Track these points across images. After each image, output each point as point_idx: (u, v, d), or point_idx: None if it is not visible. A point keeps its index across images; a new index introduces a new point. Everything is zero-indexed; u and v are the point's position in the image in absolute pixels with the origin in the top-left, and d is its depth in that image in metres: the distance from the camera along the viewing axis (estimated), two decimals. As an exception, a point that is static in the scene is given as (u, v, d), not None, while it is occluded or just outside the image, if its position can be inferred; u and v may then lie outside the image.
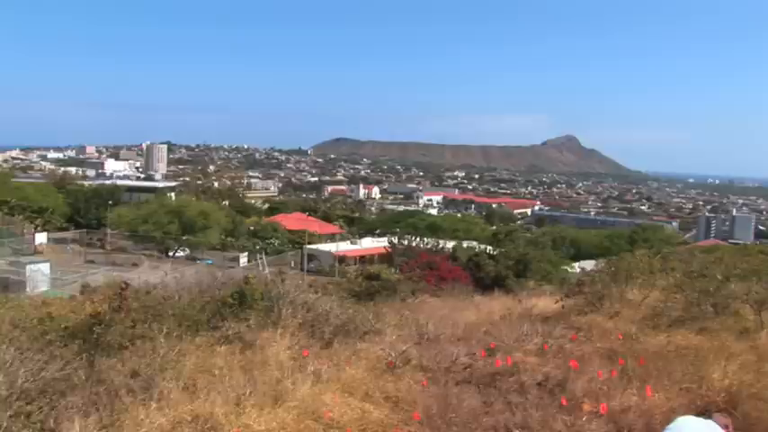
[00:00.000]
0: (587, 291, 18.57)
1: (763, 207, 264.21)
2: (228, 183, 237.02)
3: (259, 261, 64.05)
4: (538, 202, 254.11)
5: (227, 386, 9.37)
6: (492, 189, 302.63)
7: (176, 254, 78.03)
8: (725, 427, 6.70)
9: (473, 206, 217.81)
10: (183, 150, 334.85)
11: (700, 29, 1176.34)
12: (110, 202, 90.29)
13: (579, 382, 10.30)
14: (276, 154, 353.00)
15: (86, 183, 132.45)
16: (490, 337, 14.16)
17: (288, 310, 14.19)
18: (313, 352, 11.65)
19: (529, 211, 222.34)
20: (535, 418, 8.97)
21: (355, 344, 12.96)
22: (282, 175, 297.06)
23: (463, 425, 8.79)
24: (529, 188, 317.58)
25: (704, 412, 7.05)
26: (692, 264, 20.83)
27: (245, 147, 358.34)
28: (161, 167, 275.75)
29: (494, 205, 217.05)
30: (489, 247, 57.05)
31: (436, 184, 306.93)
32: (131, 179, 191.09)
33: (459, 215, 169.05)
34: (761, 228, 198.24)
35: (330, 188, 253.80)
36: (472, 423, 8.84)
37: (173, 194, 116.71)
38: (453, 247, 58.01)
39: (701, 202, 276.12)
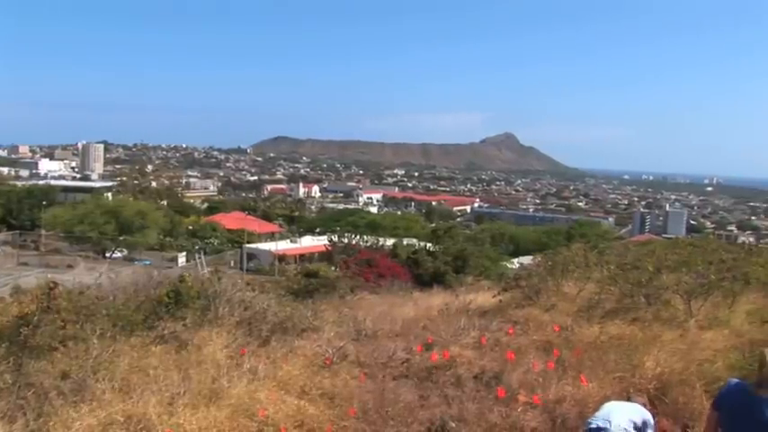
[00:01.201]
0: (524, 285, 18.74)
1: (694, 203, 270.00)
2: (167, 182, 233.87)
3: (197, 261, 63.36)
4: (477, 200, 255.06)
5: (161, 386, 9.25)
6: (432, 187, 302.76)
7: (113, 255, 76.75)
8: (643, 405, 6.89)
9: (413, 204, 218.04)
10: (120, 150, 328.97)
11: (634, 28, 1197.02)
12: (44, 203, 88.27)
13: (515, 374, 10.41)
14: (215, 153, 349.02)
15: (19, 183, 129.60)
16: (428, 333, 14.22)
17: (225, 308, 14.10)
18: (250, 350, 11.58)
19: (468, 209, 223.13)
20: (471, 411, 9.01)
21: (293, 341, 12.90)
22: (222, 174, 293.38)
23: (399, 419, 8.78)
24: (468, 185, 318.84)
25: (627, 398, 7.17)
26: (625, 257, 21.17)
27: (184, 146, 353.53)
28: (97, 167, 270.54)
29: (433, 203, 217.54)
30: (429, 245, 57.20)
31: (376, 182, 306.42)
32: (67, 179, 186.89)
33: (398, 213, 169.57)
34: (692, 222, 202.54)
35: (270, 187, 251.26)
36: (408, 417, 8.85)
37: (109, 194, 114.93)
38: (393, 245, 58.14)
39: (635, 198, 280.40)
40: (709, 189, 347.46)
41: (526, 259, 41.92)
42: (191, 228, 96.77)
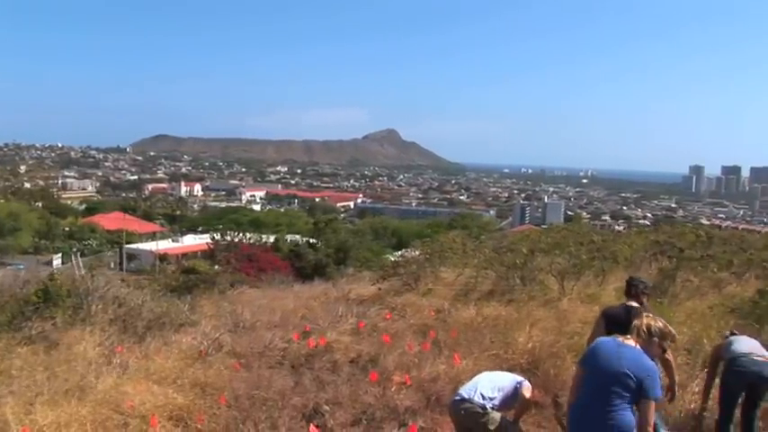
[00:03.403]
0: (403, 272, 18.87)
1: (570, 194, 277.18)
2: (42, 183, 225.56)
3: (73, 262, 61.45)
4: (360, 195, 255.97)
5: (23, 386, 8.92)
6: (315, 183, 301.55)
7: (-17, 260, 73.71)
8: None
9: (296, 201, 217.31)
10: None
11: (507, 26, 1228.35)
12: None
13: (391, 356, 10.48)
14: (93, 153, 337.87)
15: None
16: (306, 322, 14.18)
17: (98, 306, 13.69)
18: (125, 347, 11.29)
19: (352, 205, 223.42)
20: (345, 394, 8.98)
21: (170, 336, 12.62)
22: (100, 174, 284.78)
23: (271, 405, 8.66)
24: (351, 181, 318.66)
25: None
26: (502, 242, 21.60)
27: (60, 145, 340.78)
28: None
29: (317, 199, 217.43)
30: (312, 240, 57.18)
31: (259, 180, 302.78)
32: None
33: (282, 210, 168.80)
34: (569, 213, 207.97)
35: (151, 186, 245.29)
36: (281, 402, 8.74)
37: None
38: (275, 239, 57.88)
39: (515, 191, 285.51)
40: (585, 181, 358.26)
41: (410, 252, 42.09)
42: (68, 229, 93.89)
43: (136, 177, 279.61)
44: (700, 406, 7.22)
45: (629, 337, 5.40)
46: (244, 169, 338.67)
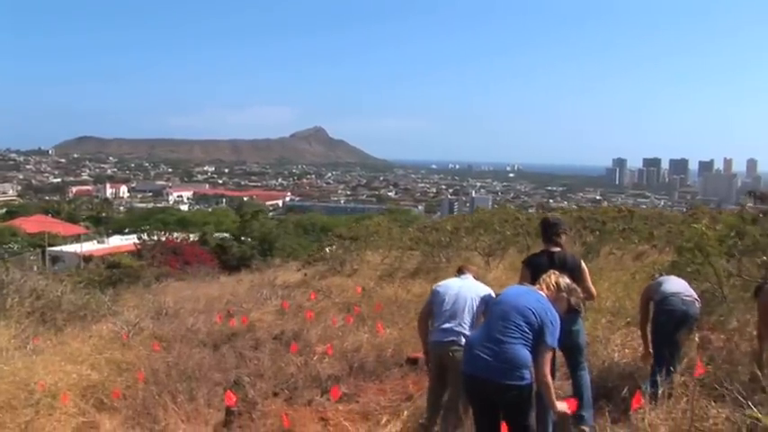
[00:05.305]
0: (329, 257, 18.90)
1: (498, 188, 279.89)
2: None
3: (-8, 265, 59.85)
4: (288, 194, 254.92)
5: None
6: (243, 182, 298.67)
7: None
8: (475, 276, 6.91)
9: (224, 200, 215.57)
10: None
11: (426, 24, 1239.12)
12: None
13: (314, 330, 10.46)
14: (13, 155, 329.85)
15: None
16: (230, 306, 14.12)
17: (14, 299, 13.29)
18: (44, 339, 10.97)
19: (280, 203, 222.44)
20: (267, 366, 8.90)
21: (90, 327, 12.33)
22: (21, 177, 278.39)
23: (191, 380, 8.51)
24: (279, 180, 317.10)
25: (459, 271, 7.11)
26: (426, 223, 21.77)
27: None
28: None
29: (245, 198, 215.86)
30: (242, 237, 56.90)
31: (186, 180, 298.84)
32: None
33: (209, 209, 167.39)
34: (497, 206, 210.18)
35: (75, 189, 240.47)
36: (198, 372, 8.62)
37: None
38: (201, 233, 57.48)
39: (443, 187, 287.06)
40: (512, 175, 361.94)
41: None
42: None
43: (59, 180, 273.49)
44: (643, 351, 7.16)
45: (539, 287, 5.44)
46: (170, 170, 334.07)
